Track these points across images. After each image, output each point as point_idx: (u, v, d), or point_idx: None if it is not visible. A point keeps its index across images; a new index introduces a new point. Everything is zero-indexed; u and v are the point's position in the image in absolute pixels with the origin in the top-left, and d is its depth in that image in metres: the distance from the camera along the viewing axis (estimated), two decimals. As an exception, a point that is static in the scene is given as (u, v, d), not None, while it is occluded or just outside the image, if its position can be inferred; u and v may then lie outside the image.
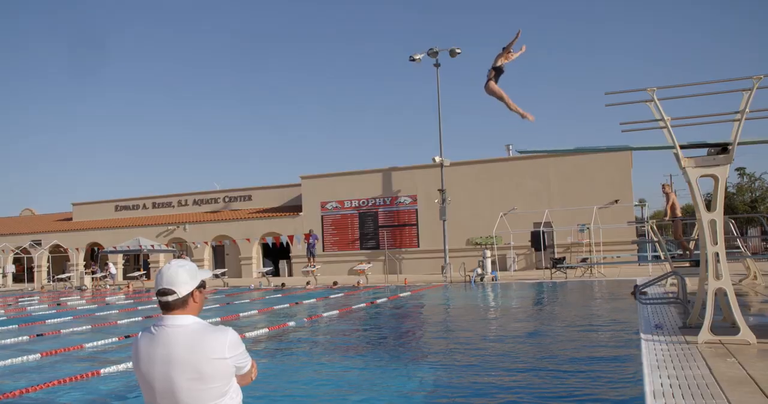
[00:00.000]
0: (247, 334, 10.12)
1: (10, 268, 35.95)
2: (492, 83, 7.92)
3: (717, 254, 6.89)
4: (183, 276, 2.31)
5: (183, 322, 2.29)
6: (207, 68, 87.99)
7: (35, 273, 35.31)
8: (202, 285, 2.39)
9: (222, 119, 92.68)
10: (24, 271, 36.01)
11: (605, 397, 5.57)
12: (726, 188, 9.08)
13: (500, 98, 7.93)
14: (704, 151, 7.66)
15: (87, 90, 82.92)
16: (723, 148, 7.14)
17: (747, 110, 6.93)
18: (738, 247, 16.15)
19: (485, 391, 6.00)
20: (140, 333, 2.38)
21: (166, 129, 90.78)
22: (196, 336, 2.25)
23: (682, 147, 7.18)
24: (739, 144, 6.97)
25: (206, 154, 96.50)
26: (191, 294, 2.32)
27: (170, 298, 2.29)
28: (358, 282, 22.39)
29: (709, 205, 7.22)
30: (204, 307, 14.67)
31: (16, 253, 34.88)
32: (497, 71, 7.93)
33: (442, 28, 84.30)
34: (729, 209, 38.16)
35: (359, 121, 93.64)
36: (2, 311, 17.75)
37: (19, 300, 22.28)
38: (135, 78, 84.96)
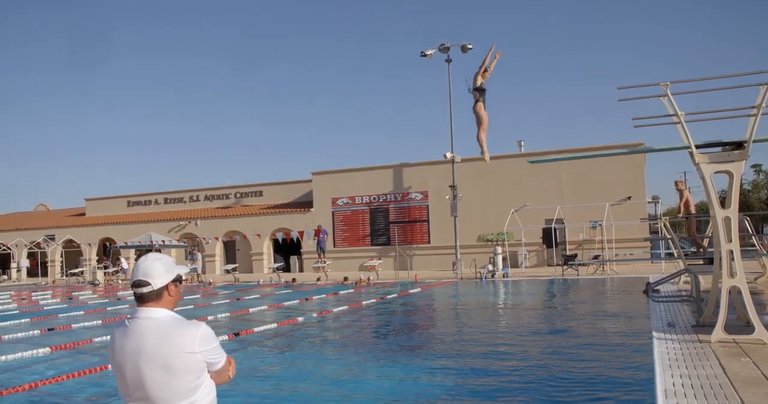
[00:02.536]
0: (256, 329, 10.14)
1: (25, 263, 36.39)
2: (480, 105, 8.35)
3: (731, 252, 6.79)
4: (158, 268, 2.32)
5: (156, 315, 2.29)
6: (218, 64, 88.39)
7: (49, 268, 35.69)
8: (178, 280, 2.39)
9: (233, 115, 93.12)
10: (38, 266, 36.41)
11: (616, 396, 5.50)
12: (741, 185, 8.94)
13: (479, 122, 8.27)
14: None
15: (99, 86, 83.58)
16: (738, 144, 7.01)
17: (764, 105, 6.78)
18: (753, 245, 15.95)
19: (496, 388, 5.95)
20: (117, 325, 2.39)
21: (177, 125, 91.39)
22: (167, 329, 2.25)
23: (697, 146, 7.06)
24: (754, 141, 6.83)
25: (218, 150, 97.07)
26: (166, 287, 2.33)
27: (145, 290, 2.29)
28: (369, 278, 22.33)
29: (723, 202, 7.11)
30: (214, 303, 14.60)
31: (30, 248, 35.27)
32: (480, 92, 8.20)
33: (453, 26, 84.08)
34: (744, 206, 37.72)
35: (370, 117, 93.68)
36: (16, 305, 17.96)
37: (32, 294, 22.52)
38: (147, 74, 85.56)
